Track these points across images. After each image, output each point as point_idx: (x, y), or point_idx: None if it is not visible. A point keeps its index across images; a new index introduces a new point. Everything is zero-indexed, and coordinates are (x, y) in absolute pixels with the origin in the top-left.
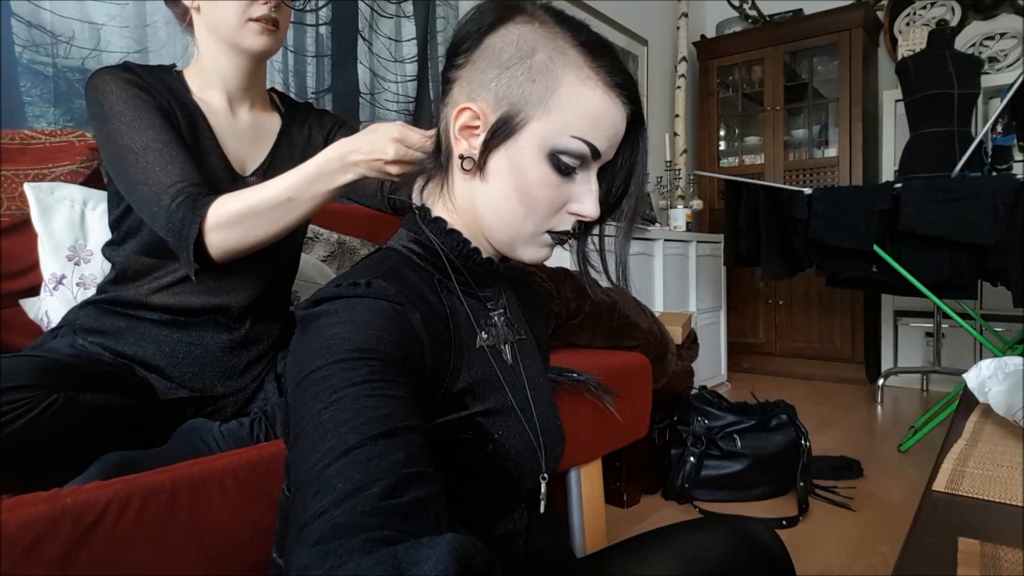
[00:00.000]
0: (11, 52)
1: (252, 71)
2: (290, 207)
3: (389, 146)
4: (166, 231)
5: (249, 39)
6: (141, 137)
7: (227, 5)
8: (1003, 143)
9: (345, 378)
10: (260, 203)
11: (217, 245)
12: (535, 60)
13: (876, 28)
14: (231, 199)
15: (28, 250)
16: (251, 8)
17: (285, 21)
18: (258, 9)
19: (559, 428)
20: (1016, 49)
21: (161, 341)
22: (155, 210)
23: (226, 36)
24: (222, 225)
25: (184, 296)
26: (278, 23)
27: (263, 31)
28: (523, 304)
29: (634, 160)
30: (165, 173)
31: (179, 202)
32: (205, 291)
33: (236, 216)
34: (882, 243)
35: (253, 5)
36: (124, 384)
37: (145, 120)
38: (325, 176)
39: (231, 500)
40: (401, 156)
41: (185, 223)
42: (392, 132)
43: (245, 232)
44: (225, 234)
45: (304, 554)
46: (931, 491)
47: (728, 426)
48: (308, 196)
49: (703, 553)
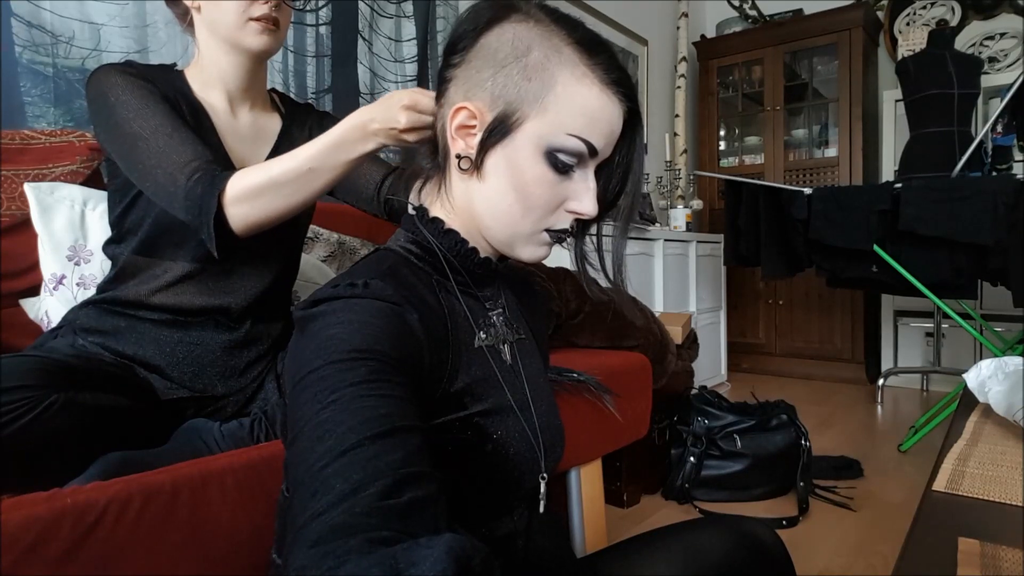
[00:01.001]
0: (11, 52)
1: (253, 71)
2: (311, 178)
3: (401, 114)
4: (184, 210)
5: (249, 39)
6: (150, 123)
7: (228, 5)
8: (1003, 143)
9: (343, 378)
10: (281, 174)
11: (238, 219)
12: (531, 58)
13: (876, 28)
14: (251, 172)
15: (28, 250)
16: (251, 8)
17: (285, 20)
18: (258, 8)
19: (559, 428)
20: (1016, 49)
21: (161, 341)
22: (172, 191)
23: (226, 36)
24: (242, 198)
25: (184, 296)
26: (278, 22)
27: (263, 30)
28: (522, 304)
29: (631, 157)
30: (178, 154)
31: (196, 178)
32: (204, 291)
33: (256, 188)
34: (882, 243)
35: (254, 4)
36: (124, 384)
37: (152, 107)
38: (346, 146)
39: (231, 500)
40: (414, 123)
41: (204, 198)
42: (403, 99)
43: (265, 205)
44: (246, 208)
45: (302, 554)
46: (931, 491)
47: (728, 426)
48: (329, 166)
49: (703, 553)
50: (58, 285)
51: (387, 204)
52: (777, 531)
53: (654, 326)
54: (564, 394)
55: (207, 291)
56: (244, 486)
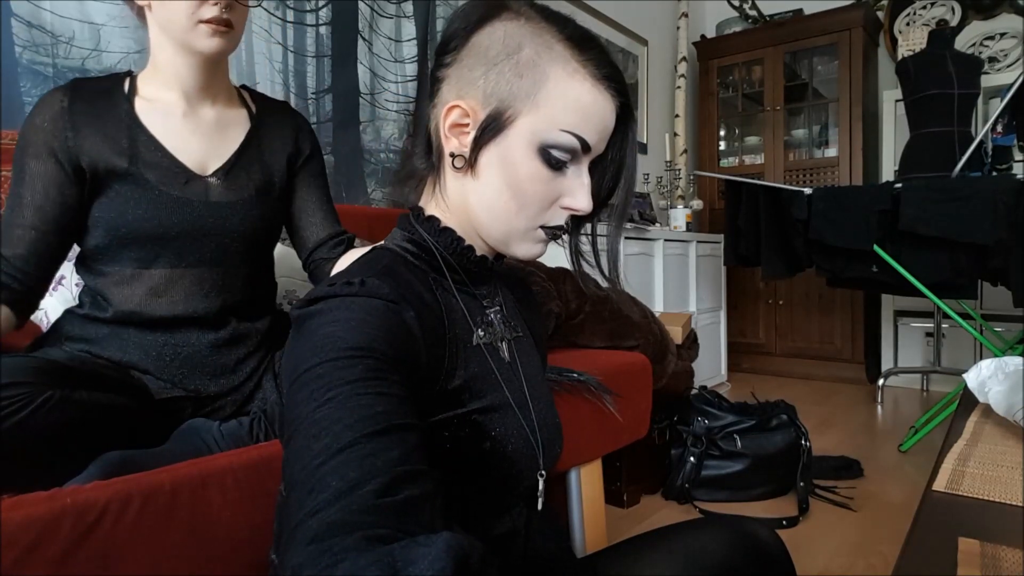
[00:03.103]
0: (11, 52)
1: (209, 70)
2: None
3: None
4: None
5: (201, 41)
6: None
7: (176, 6)
8: (1003, 143)
9: (340, 376)
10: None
11: None
12: (522, 56)
13: (876, 28)
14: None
15: None
16: (201, 9)
17: (240, 20)
18: (208, 11)
19: (557, 425)
20: (1016, 49)
21: (146, 346)
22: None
23: (177, 37)
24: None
25: (156, 308)
26: (231, 23)
27: (214, 33)
28: (520, 302)
29: (624, 153)
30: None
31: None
32: (174, 303)
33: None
34: (882, 243)
35: (203, 6)
36: (120, 384)
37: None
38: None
39: (231, 500)
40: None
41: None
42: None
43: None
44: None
45: (299, 553)
46: (931, 491)
47: (728, 426)
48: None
49: (703, 553)
50: (57, 285)
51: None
52: (777, 531)
53: (654, 326)
54: (564, 394)
55: (180, 301)
56: (244, 486)
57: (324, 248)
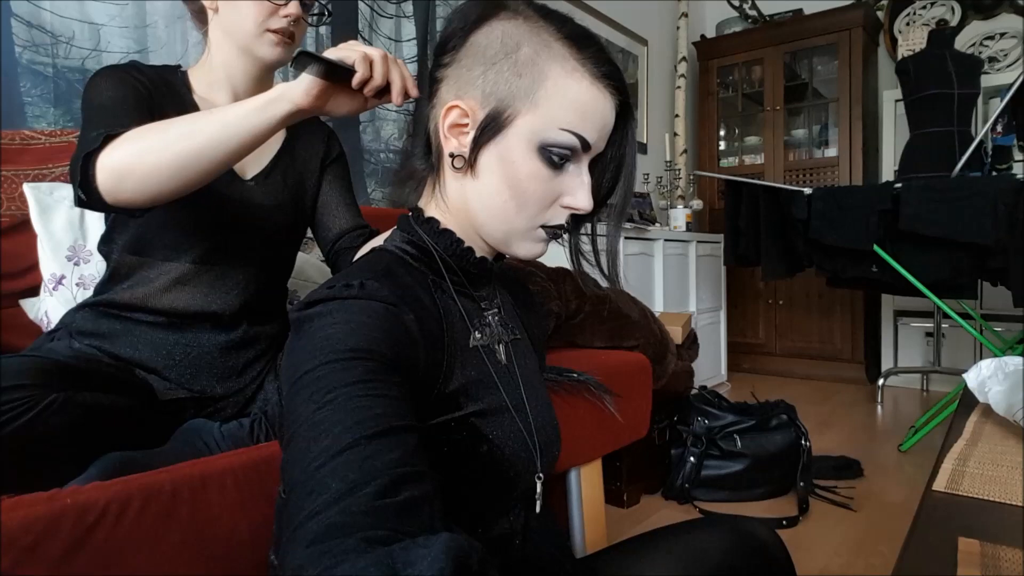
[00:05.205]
0: (11, 52)
1: (261, 78)
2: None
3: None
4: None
5: (264, 49)
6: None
7: (247, 11)
8: (1003, 143)
9: (339, 378)
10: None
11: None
12: (520, 55)
13: (876, 28)
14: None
15: (28, 250)
16: (271, 19)
17: (300, 34)
18: (277, 21)
19: (555, 427)
20: (1016, 49)
21: (157, 343)
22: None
23: (242, 42)
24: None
25: (178, 300)
26: (294, 36)
27: (279, 43)
28: (518, 303)
29: (623, 151)
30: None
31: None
32: (198, 295)
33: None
34: (882, 243)
35: (273, 16)
36: (123, 385)
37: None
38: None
39: (231, 500)
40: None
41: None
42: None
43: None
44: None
45: (299, 554)
46: (931, 491)
47: (728, 426)
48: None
49: (703, 553)
50: (57, 285)
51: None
52: (777, 531)
53: (654, 326)
54: (564, 394)
55: (200, 295)
56: (244, 486)
57: (347, 238)
